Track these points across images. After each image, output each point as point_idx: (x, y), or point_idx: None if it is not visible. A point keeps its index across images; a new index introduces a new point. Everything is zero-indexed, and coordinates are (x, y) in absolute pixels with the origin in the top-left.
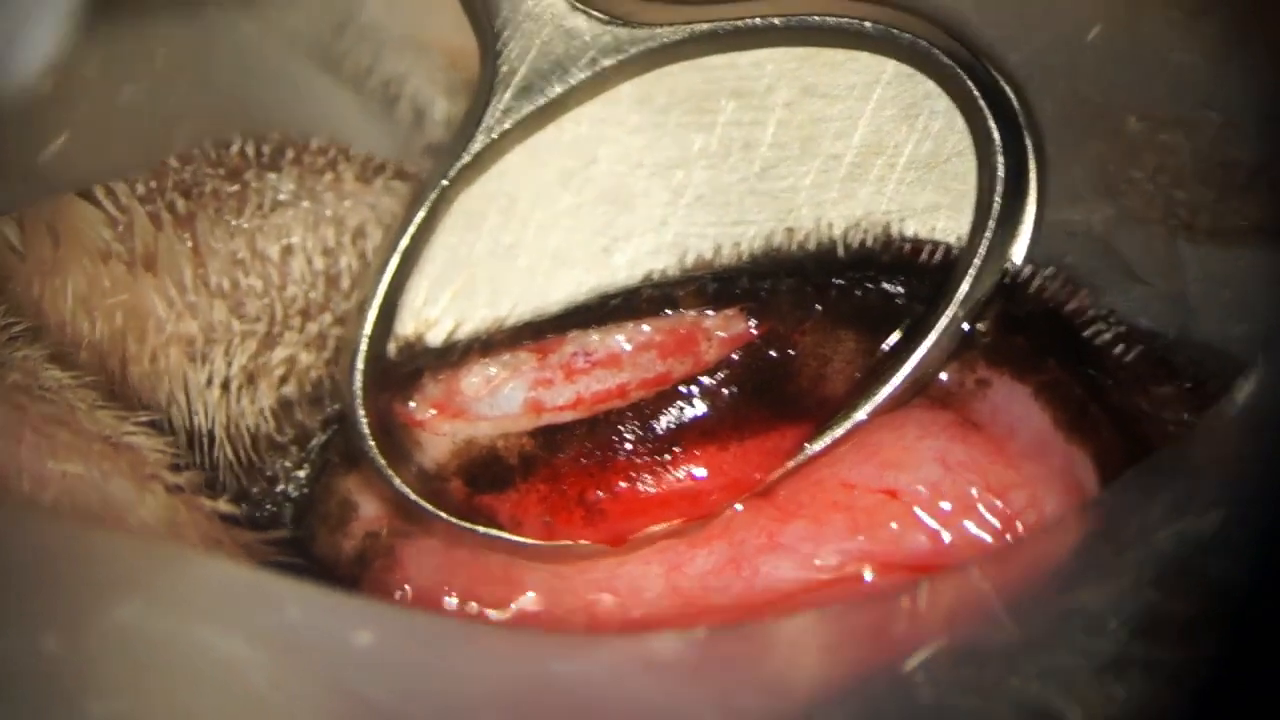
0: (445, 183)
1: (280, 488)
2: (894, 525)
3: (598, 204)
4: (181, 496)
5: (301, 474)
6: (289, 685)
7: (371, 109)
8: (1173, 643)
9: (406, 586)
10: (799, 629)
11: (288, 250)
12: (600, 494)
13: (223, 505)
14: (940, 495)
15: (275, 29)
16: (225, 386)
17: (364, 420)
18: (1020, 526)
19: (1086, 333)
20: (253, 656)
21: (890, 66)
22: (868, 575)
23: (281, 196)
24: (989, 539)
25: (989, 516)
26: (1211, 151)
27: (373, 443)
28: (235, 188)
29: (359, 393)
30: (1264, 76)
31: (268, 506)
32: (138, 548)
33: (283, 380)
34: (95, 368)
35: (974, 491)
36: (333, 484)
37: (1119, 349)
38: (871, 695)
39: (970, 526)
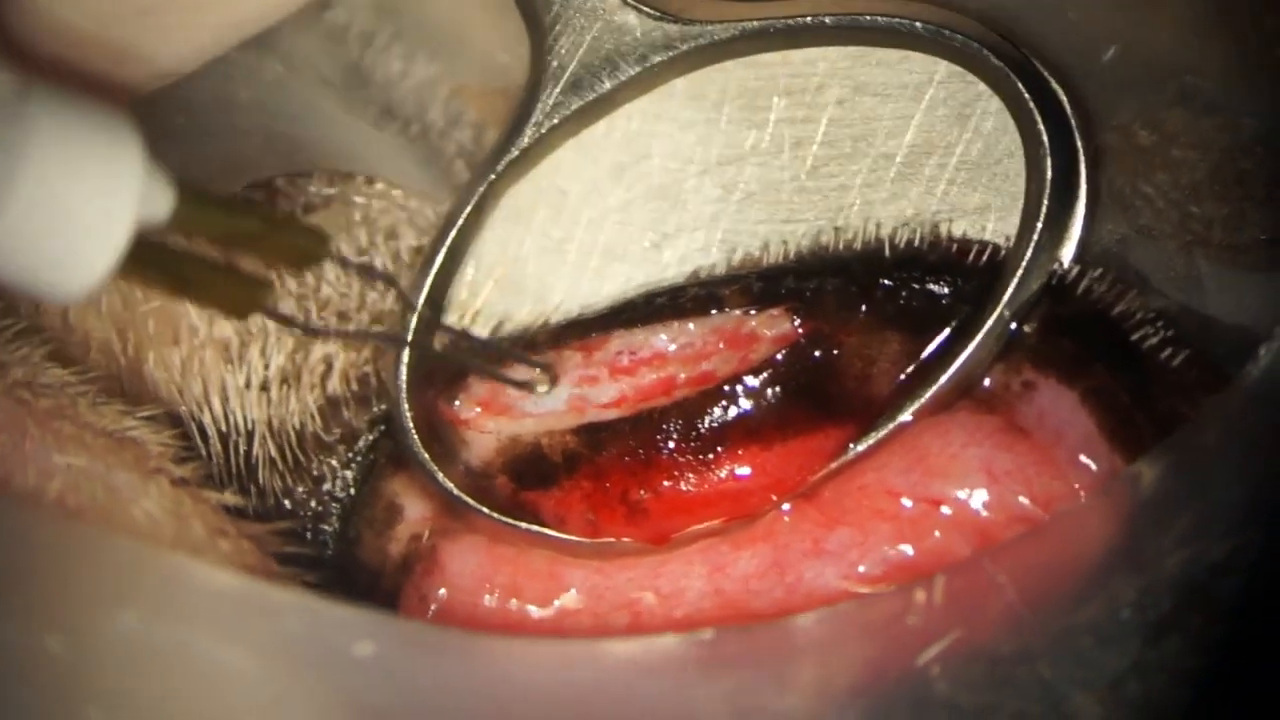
0: (493, 177)
1: (327, 487)
2: (938, 535)
3: (648, 200)
4: (187, 489)
5: (348, 474)
6: (291, 698)
7: (398, 126)
8: (1188, 652)
9: (443, 590)
10: (810, 625)
11: None
12: (643, 492)
13: (228, 497)
14: (986, 506)
15: (297, 55)
16: (265, 387)
17: (409, 417)
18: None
19: (1134, 336)
20: (254, 669)
21: (943, 66)
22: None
23: (313, 199)
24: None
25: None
26: (1226, 165)
27: (417, 439)
28: (264, 192)
29: (404, 390)
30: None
31: (313, 506)
32: (139, 552)
33: (324, 378)
34: (101, 365)
35: (1021, 501)
36: (379, 487)
37: (1166, 353)
38: (884, 690)
39: None
